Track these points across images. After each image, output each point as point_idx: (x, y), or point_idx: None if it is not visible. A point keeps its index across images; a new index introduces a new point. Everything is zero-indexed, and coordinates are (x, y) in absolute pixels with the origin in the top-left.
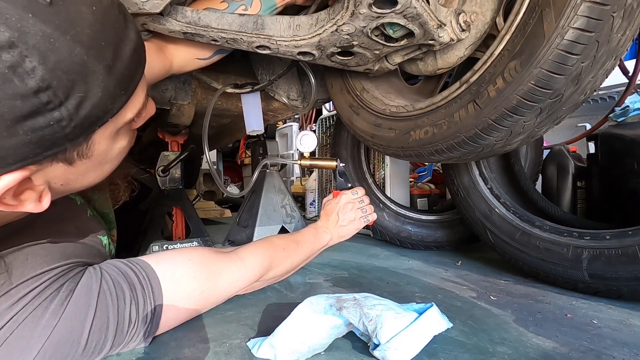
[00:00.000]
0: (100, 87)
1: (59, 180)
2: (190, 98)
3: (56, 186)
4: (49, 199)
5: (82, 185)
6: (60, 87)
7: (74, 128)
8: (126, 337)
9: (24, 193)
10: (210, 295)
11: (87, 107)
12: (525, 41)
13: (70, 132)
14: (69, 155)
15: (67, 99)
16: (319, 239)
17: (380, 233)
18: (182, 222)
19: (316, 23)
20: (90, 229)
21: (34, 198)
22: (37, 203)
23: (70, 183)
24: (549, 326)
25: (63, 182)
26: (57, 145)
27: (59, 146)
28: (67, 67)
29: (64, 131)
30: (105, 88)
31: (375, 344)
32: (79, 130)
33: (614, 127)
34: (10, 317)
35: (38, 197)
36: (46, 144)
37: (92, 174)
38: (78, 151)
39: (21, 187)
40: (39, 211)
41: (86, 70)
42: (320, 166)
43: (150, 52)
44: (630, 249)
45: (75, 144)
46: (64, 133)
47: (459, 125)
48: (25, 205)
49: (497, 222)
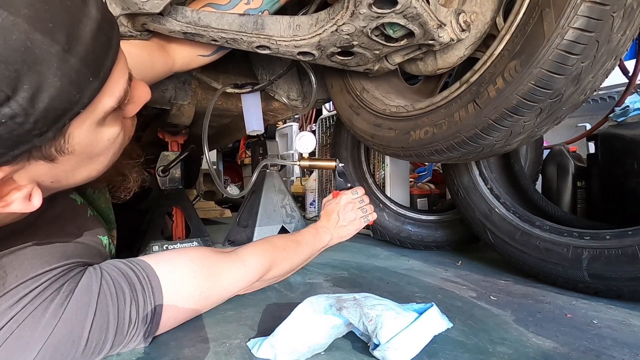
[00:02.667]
0: (57, 75)
1: (47, 177)
2: (190, 98)
3: (46, 184)
4: (40, 197)
5: (78, 181)
6: (1, 80)
7: (35, 123)
8: (126, 337)
9: (9, 194)
10: (210, 295)
11: (45, 99)
12: (525, 41)
13: (32, 128)
14: (46, 152)
15: (16, 92)
16: (319, 239)
17: (380, 233)
18: (182, 222)
19: (316, 23)
20: (91, 229)
21: (21, 197)
22: (26, 202)
23: (60, 180)
24: (549, 326)
25: (52, 179)
26: (21, 142)
27: (25, 143)
28: (4, 57)
29: (23, 128)
30: (64, 76)
31: (375, 344)
32: (44, 125)
33: (614, 127)
34: (11, 317)
35: (26, 196)
36: (8, 143)
37: (84, 169)
38: (55, 147)
39: (5, 187)
40: (31, 210)
41: (33, 58)
42: (319, 167)
43: (152, 50)
44: (630, 249)
45: (45, 139)
46: (25, 129)
47: (459, 125)
48: (12, 205)
49: (497, 222)
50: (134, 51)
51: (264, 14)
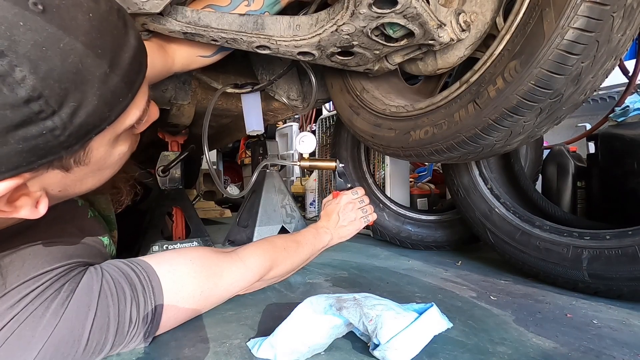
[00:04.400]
0: (96, 95)
1: (57, 186)
2: (190, 98)
3: (54, 192)
4: (46, 205)
5: (81, 191)
6: (52, 96)
7: (69, 137)
8: (127, 337)
9: (19, 199)
10: (210, 295)
11: (82, 115)
12: (525, 41)
13: (65, 141)
14: (66, 163)
15: (61, 108)
16: (320, 239)
17: (380, 233)
18: (182, 222)
19: (316, 23)
20: (92, 229)
21: (29, 204)
22: (33, 209)
23: (68, 189)
24: (549, 326)
25: (61, 188)
26: (51, 153)
27: (54, 154)
28: (59, 76)
29: (57, 140)
30: (102, 96)
31: (375, 344)
32: (74, 139)
33: (614, 127)
34: (12, 317)
35: (34, 203)
36: (40, 153)
37: (90, 180)
38: (75, 158)
39: (16, 193)
40: (36, 217)
41: (81, 79)
42: (319, 167)
43: (151, 50)
44: (630, 249)
45: (71, 151)
46: (59, 141)
47: (459, 125)
48: (20, 211)
49: (497, 222)
50: None
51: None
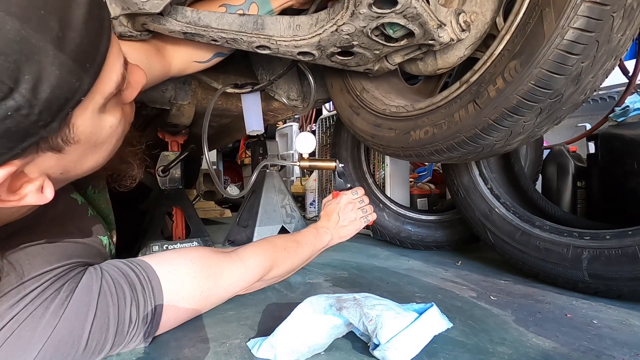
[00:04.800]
0: (55, 64)
1: (56, 169)
2: (190, 98)
3: (56, 175)
4: (52, 189)
5: (85, 170)
6: (3, 72)
7: (40, 114)
8: (126, 337)
9: (22, 187)
10: (210, 295)
11: (47, 89)
12: (525, 41)
13: (38, 120)
14: (54, 143)
15: (17, 84)
16: (320, 239)
17: (380, 233)
18: (182, 222)
19: (316, 23)
20: (91, 229)
21: (34, 190)
22: (39, 194)
23: (69, 170)
24: (549, 326)
25: (62, 170)
26: (29, 135)
27: (33, 135)
28: (1, 49)
29: (29, 119)
30: (62, 65)
31: (375, 344)
32: (48, 116)
33: (614, 127)
34: (11, 317)
35: (39, 188)
36: (16, 136)
37: (90, 158)
38: (62, 137)
39: (18, 181)
40: (45, 202)
41: (29, 48)
42: (319, 167)
43: (149, 54)
44: (630, 249)
45: (51, 130)
46: (30, 121)
47: (459, 125)
48: (26, 198)
49: (497, 222)
50: (132, 53)
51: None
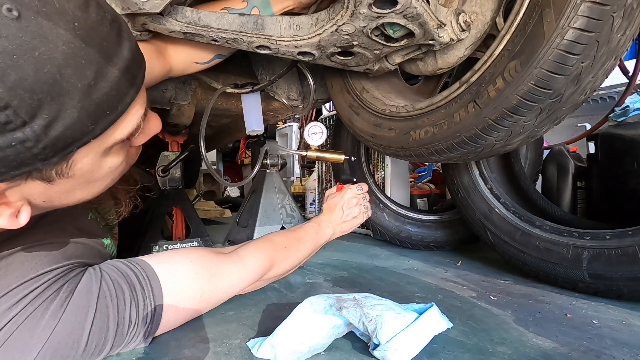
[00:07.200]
0: (76, 107)
1: (40, 197)
2: (190, 98)
3: (37, 202)
4: (28, 215)
5: (69, 203)
6: (22, 107)
7: (44, 149)
8: (126, 337)
9: None
10: (210, 296)
11: (60, 128)
12: (525, 41)
13: (39, 153)
14: (46, 174)
15: (33, 120)
16: (322, 233)
17: (380, 233)
18: (182, 222)
19: (316, 23)
20: (91, 230)
21: (8, 214)
22: (12, 218)
23: (53, 200)
24: (549, 326)
25: (45, 199)
26: (25, 164)
27: (28, 165)
28: (31, 86)
29: (30, 152)
30: (84, 109)
31: (375, 344)
32: (51, 152)
33: (614, 127)
34: (10, 319)
35: (14, 212)
36: (11, 164)
37: (78, 192)
38: (56, 170)
39: None
40: (15, 227)
41: (58, 90)
42: (327, 159)
43: (150, 54)
44: (630, 249)
45: (48, 163)
46: (32, 153)
47: (459, 125)
48: None
49: (497, 222)
50: None
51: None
